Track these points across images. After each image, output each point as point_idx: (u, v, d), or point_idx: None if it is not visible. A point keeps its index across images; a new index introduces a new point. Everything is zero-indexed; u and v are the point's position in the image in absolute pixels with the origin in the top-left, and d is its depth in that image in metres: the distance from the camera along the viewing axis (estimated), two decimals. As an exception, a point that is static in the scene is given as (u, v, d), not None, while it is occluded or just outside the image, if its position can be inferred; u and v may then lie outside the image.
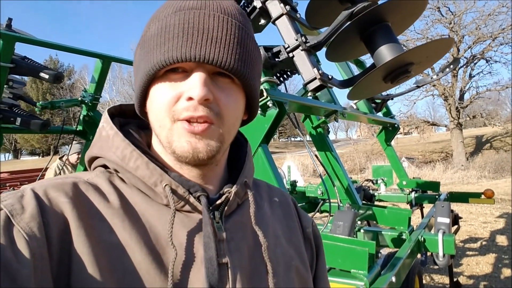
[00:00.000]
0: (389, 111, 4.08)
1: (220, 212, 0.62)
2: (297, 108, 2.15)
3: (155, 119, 0.61)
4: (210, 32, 0.57)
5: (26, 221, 0.51)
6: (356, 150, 23.64)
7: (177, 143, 0.59)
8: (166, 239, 0.57)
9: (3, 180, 7.66)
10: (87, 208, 0.56)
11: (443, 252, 2.00)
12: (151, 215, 0.59)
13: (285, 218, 0.76)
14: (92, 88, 4.00)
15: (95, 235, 0.54)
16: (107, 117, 0.66)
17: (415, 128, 24.23)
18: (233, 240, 0.62)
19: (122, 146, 0.61)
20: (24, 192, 0.55)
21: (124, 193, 0.61)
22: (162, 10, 0.62)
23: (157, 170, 0.59)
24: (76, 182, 0.59)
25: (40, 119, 3.42)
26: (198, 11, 0.58)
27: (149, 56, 0.59)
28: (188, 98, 0.57)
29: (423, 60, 1.82)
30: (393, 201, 3.98)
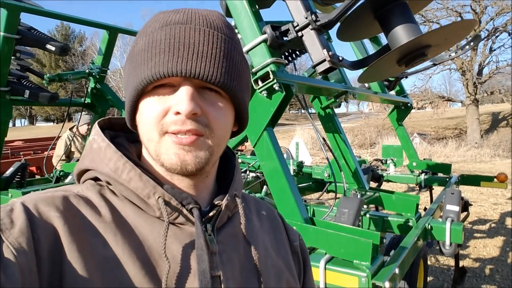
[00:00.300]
0: (403, 89, 3.95)
1: (212, 225, 0.63)
2: (305, 89, 2.08)
3: (144, 132, 0.62)
4: (196, 46, 0.58)
5: (15, 236, 0.50)
6: (367, 124, 23.35)
7: (165, 155, 0.59)
8: (159, 251, 0.57)
9: (17, 148, 7.79)
10: (78, 222, 0.56)
11: (450, 241, 1.97)
12: (143, 227, 0.60)
13: (272, 230, 0.77)
14: (100, 60, 3.95)
15: (88, 249, 0.54)
16: (98, 129, 0.66)
17: (429, 103, 23.68)
18: (225, 252, 0.63)
19: (115, 158, 0.61)
20: (14, 206, 0.55)
21: (115, 206, 0.61)
22: (149, 25, 0.63)
23: (150, 182, 0.59)
24: (67, 195, 0.59)
25: (48, 91, 3.41)
26: (184, 26, 0.59)
27: (137, 71, 0.60)
28: (176, 113, 0.57)
29: (441, 42, 1.71)
30: (402, 182, 3.93)
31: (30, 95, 3.30)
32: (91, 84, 3.96)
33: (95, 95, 3.98)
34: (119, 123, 0.72)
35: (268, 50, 1.75)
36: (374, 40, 3.65)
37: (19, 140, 9.71)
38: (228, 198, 0.66)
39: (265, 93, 1.74)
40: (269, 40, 1.71)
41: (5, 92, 3.17)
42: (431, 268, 4.10)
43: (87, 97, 4.02)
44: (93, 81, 3.93)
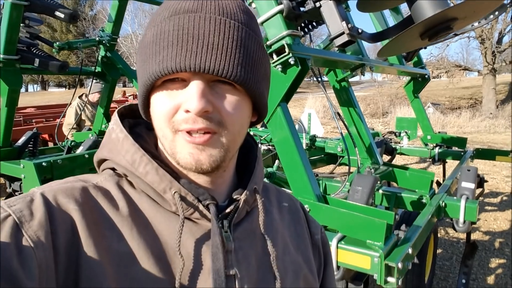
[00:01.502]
0: (421, 60, 3.82)
1: (229, 221, 0.62)
2: (321, 63, 2.01)
3: (158, 128, 0.61)
4: (206, 37, 0.54)
5: (35, 229, 0.50)
6: (380, 93, 22.93)
7: (180, 154, 0.58)
8: (174, 248, 0.56)
9: (30, 115, 7.86)
10: (96, 215, 0.56)
11: (464, 219, 1.95)
12: (159, 222, 0.59)
13: (293, 224, 0.75)
14: (110, 28, 3.86)
15: (104, 244, 0.54)
16: (117, 118, 0.64)
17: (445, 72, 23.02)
18: (241, 250, 0.62)
19: (132, 150, 0.60)
20: (33, 196, 0.55)
21: (133, 198, 0.61)
22: (159, 13, 0.59)
23: (167, 177, 0.59)
24: (86, 186, 0.59)
25: (58, 60, 3.38)
26: (193, 15, 0.55)
27: (146, 66, 0.57)
28: (186, 111, 0.55)
29: (469, 15, 1.61)
30: (415, 155, 3.88)
31: (40, 64, 3.27)
32: (101, 53, 3.90)
33: (106, 63, 3.93)
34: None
35: (284, 22, 1.68)
36: (394, 9, 3.48)
37: (32, 107, 9.78)
38: (247, 192, 0.64)
39: (280, 67, 1.68)
40: (285, 11, 1.63)
41: (15, 61, 3.14)
42: (441, 240, 4.13)
43: (97, 66, 3.97)
44: (103, 50, 3.87)
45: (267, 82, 0.66)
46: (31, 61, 3.27)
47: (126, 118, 0.68)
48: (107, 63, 3.93)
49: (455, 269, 3.55)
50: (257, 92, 0.60)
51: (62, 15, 3.13)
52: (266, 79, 0.65)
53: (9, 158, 3.25)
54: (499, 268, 3.61)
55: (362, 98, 23.28)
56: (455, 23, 1.55)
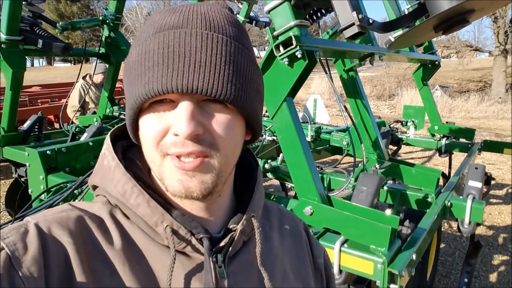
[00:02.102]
0: (431, 45, 3.69)
1: (224, 254, 0.59)
2: (330, 54, 1.93)
3: (146, 153, 0.58)
4: (193, 55, 0.51)
5: (28, 265, 0.49)
6: (387, 74, 22.55)
7: (169, 181, 0.55)
8: (165, 283, 0.54)
9: (35, 95, 7.81)
10: (89, 247, 0.55)
11: (470, 220, 1.91)
12: (152, 256, 0.57)
13: (295, 247, 0.72)
14: (113, 6, 3.76)
15: (96, 279, 0.53)
16: (109, 143, 0.61)
17: (455, 53, 22.50)
18: (236, 285, 0.59)
19: (123, 180, 0.58)
20: (28, 227, 0.53)
21: (126, 229, 0.59)
22: (144, 30, 0.56)
23: (158, 209, 0.56)
24: (82, 216, 0.57)
25: (61, 41, 3.31)
26: (178, 31, 0.52)
27: (132, 88, 0.55)
28: (175, 134, 0.53)
29: (486, 6, 1.53)
30: (422, 146, 3.81)
31: (43, 45, 3.20)
32: (105, 33, 3.81)
33: (110, 44, 3.84)
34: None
35: (292, 11, 1.60)
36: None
37: (37, 86, 9.74)
38: (243, 222, 0.61)
39: (287, 61, 1.62)
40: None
41: (18, 42, 3.08)
42: (444, 234, 4.10)
43: (101, 47, 3.89)
44: (107, 29, 3.78)
45: (261, 98, 0.63)
46: (34, 42, 3.20)
47: (120, 139, 0.65)
48: (111, 44, 3.85)
49: (458, 265, 3.53)
50: (249, 110, 0.57)
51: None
52: (259, 95, 0.61)
53: (14, 143, 3.23)
54: (502, 265, 3.59)
55: (368, 79, 22.94)
56: (471, 15, 1.47)
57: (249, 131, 0.63)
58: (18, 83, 3.15)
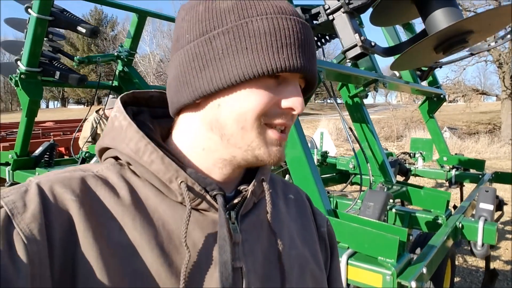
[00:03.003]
0: (436, 80, 3.78)
1: (236, 212, 0.60)
2: (334, 76, 1.99)
3: (238, 119, 0.57)
4: (311, 45, 0.58)
5: (27, 222, 0.48)
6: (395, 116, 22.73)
7: (264, 149, 0.58)
8: (179, 238, 0.55)
9: (48, 129, 8.05)
10: (95, 205, 0.54)
11: (482, 242, 1.86)
12: (164, 212, 0.57)
13: (300, 216, 0.74)
14: (128, 43, 3.97)
15: (104, 236, 0.52)
16: (120, 105, 0.62)
17: (462, 97, 22.74)
18: (247, 242, 0.60)
19: (136, 138, 0.57)
20: (28, 187, 0.52)
21: (135, 187, 0.58)
22: (254, 3, 0.58)
23: (173, 166, 0.56)
24: (85, 176, 0.57)
25: (77, 73, 3.47)
26: (299, 20, 0.57)
27: (260, 55, 0.55)
28: (289, 109, 0.58)
29: (485, 28, 1.59)
30: (431, 177, 3.78)
31: (60, 77, 3.36)
32: (119, 67, 4.00)
33: (123, 78, 4.02)
34: (143, 97, 0.68)
35: (297, 34, 1.68)
36: (408, 27, 3.48)
37: (51, 121, 10.03)
38: (254, 183, 0.62)
39: (292, 79, 1.68)
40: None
41: (37, 73, 3.24)
42: (459, 268, 3.95)
43: (115, 80, 4.06)
44: (121, 64, 3.97)
45: None
46: (52, 74, 3.37)
47: (129, 106, 0.65)
48: (124, 78, 4.02)
49: (474, 298, 3.37)
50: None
51: (84, 30, 3.24)
52: None
53: (25, 167, 3.31)
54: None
55: (376, 121, 23.10)
56: (470, 36, 1.52)
57: None
58: (33, 111, 3.28)
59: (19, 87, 3.18)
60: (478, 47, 3.31)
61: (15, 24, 3.65)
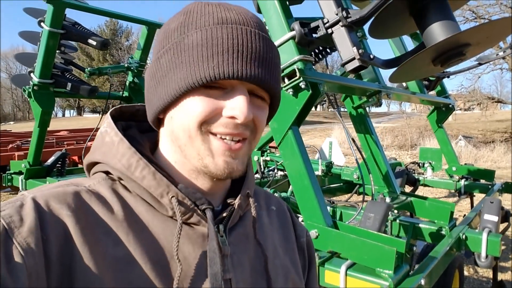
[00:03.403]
0: (444, 89, 3.75)
1: (224, 225, 0.62)
2: (335, 88, 2.02)
3: (183, 129, 0.59)
4: (257, 52, 0.57)
5: (24, 236, 0.49)
6: (409, 125, 22.46)
7: (211, 159, 0.58)
8: (171, 252, 0.57)
9: (62, 138, 8.23)
10: (90, 220, 0.55)
11: (486, 253, 1.84)
12: (156, 226, 0.58)
13: (281, 227, 0.76)
14: (138, 55, 4.06)
15: (100, 249, 0.53)
16: (111, 121, 0.64)
17: (477, 105, 22.39)
18: (235, 254, 0.62)
19: (128, 154, 0.59)
20: (24, 201, 0.53)
21: (128, 202, 0.60)
22: (198, 18, 0.59)
23: (164, 181, 0.58)
24: (78, 190, 0.58)
25: (88, 85, 3.57)
26: (243, 27, 0.58)
27: (192, 67, 0.56)
28: (231, 117, 0.57)
29: (482, 41, 1.59)
30: (440, 187, 3.73)
31: (71, 88, 3.46)
32: (129, 78, 4.09)
33: (133, 88, 4.11)
34: (129, 111, 0.70)
35: (296, 47, 1.72)
36: (415, 37, 3.48)
37: (65, 130, 10.25)
38: (241, 197, 0.65)
39: (291, 91, 1.71)
40: (298, 37, 1.67)
41: (49, 84, 3.35)
42: (468, 279, 3.87)
43: (125, 91, 4.16)
44: (131, 75, 4.06)
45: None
46: (63, 85, 3.48)
47: (118, 120, 0.67)
48: (135, 88, 4.12)
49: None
50: (278, 102, 0.66)
51: (94, 43, 3.34)
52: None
53: (37, 176, 3.40)
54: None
55: (389, 130, 22.88)
56: (467, 49, 1.53)
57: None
58: (46, 121, 3.38)
59: (32, 98, 3.29)
60: (486, 56, 3.30)
61: (29, 37, 3.78)
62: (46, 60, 3.23)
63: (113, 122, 0.64)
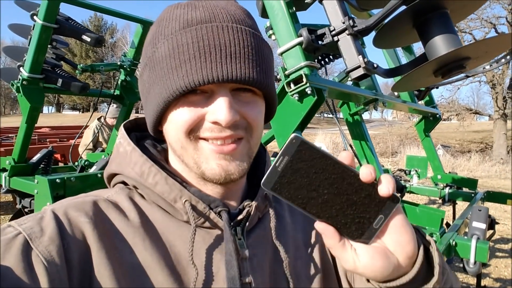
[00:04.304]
0: (432, 100, 3.86)
1: (242, 228, 0.61)
2: (336, 95, 2.06)
3: (174, 140, 0.59)
4: (228, 47, 0.53)
5: (45, 244, 0.50)
6: (390, 132, 22.95)
7: (206, 165, 0.57)
8: (187, 258, 0.56)
9: (44, 135, 8.02)
10: (107, 227, 0.56)
11: (475, 259, 1.91)
12: (171, 232, 0.58)
13: (307, 224, 0.73)
14: (132, 53, 4.02)
15: (116, 256, 0.53)
16: (124, 132, 0.65)
17: (456, 115, 23.10)
18: (255, 257, 0.61)
19: (140, 162, 0.60)
20: (44, 214, 0.55)
21: (144, 210, 0.60)
22: (166, 25, 0.57)
23: (176, 186, 0.58)
24: (96, 200, 0.59)
25: (80, 81, 3.51)
26: (210, 25, 0.54)
27: (165, 81, 0.55)
28: (214, 122, 0.55)
29: (481, 55, 1.66)
30: (425, 195, 3.84)
31: (62, 84, 3.40)
32: (121, 77, 4.04)
33: (125, 87, 4.06)
34: (144, 123, 0.69)
35: (303, 53, 1.75)
36: (407, 48, 3.58)
37: (46, 127, 9.99)
38: (258, 199, 0.64)
39: (297, 96, 1.73)
40: (305, 43, 1.70)
41: (39, 80, 3.27)
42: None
43: (117, 89, 4.10)
44: (123, 74, 4.01)
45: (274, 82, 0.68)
46: (54, 81, 3.40)
47: (132, 131, 0.68)
48: (126, 87, 4.07)
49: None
50: (273, 94, 0.62)
51: (89, 39, 3.29)
52: (274, 77, 0.66)
53: (23, 174, 3.31)
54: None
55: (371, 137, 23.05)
56: (468, 62, 1.60)
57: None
58: (34, 117, 3.30)
59: (20, 93, 3.20)
60: (473, 70, 3.42)
61: (19, 30, 3.69)
62: (37, 55, 3.15)
63: (126, 133, 0.65)
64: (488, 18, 17.98)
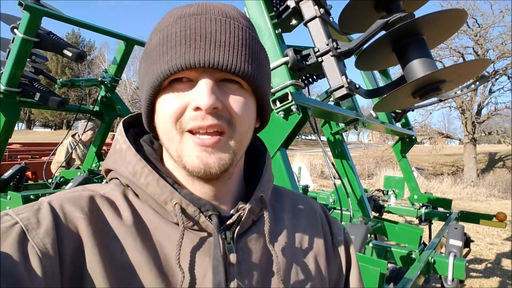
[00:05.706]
0: (408, 122, 4.01)
1: (232, 232, 0.60)
2: (319, 113, 2.11)
3: (163, 132, 0.59)
4: (213, 35, 0.54)
5: (41, 236, 0.50)
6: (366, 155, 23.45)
7: (187, 157, 0.57)
8: (175, 260, 0.55)
9: (15, 151, 7.75)
10: (101, 224, 0.56)
11: (453, 277, 1.95)
12: (162, 233, 0.58)
13: (310, 228, 0.73)
14: (113, 70, 3.99)
15: (108, 254, 0.54)
16: (121, 129, 0.65)
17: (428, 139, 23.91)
18: (244, 262, 0.60)
19: (134, 161, 0.60)
20: (41, 205, 0.55)
21: (137, 209, 0.60)
22: (163, 21, 0.60)
23: (168, 188, 0.58)
24: (93, 196, 0.59)
25: (58, 96, 3.44)
26: (199, 17, 0.56)
27: (152, 68, 0.57)
28: (195, 108, 0.54)
29: (455, 78, 1.76)
30: (402, 214, 3.92)
31: (40, 98, 3.32)
32: (101, 93, 4.00)
33: (105, 103, 4.01)
34: None
35: (289, 72, 1.79)
36: (383, 72, 3.73)
37: (17, 143, 9.67)
38: (252, 201, 0.63)
39: (282, 114, 1.77)
40: (290, 62, 1.76)
41: (16, 93, 3.19)
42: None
43: (96, 105, 4.05)
44: (104, 90, 3.97)
45: (269, 85, 0.67)
46: (31, 95, 3.33)
47: (132, 127, 0.68)
48: (106, 103, 4.02)
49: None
50: (263, 91, 0.61)
51: (70, 54, 3.26)
52: (269, 82, 0.66)
53: (-7, 189, 3.18)
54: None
55: (348, 158, 23.67)
56: (443, 84, 1.69)
57: (258, 119, 0.66)
58: (8, 132, 3.20)
59: (-5, 106, 3.11)
60: (446, 94, 3.59)
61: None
62: (15, 68, 3.09)
63: (124, 129, 0.65)
64: (457, 48, 18.99)
